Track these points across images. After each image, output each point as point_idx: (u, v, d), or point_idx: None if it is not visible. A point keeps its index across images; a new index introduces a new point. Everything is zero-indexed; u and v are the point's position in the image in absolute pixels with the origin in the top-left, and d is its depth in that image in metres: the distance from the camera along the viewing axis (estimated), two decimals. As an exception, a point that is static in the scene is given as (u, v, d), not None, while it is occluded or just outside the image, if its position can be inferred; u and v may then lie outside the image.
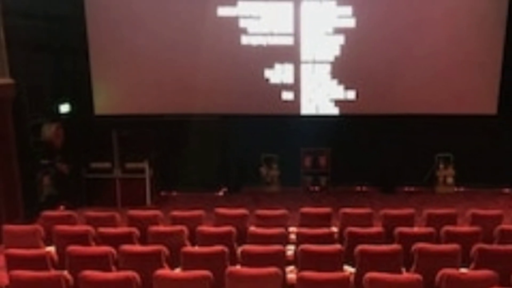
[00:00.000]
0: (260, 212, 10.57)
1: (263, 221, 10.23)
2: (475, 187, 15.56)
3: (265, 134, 15.35)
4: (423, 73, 14.84)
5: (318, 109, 15.24)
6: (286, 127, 15.39)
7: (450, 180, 15.66)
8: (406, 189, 15.94)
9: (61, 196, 14.38)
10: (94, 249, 8.79)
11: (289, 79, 15.09)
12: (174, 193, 15.84)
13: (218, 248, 8.28)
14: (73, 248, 8.36)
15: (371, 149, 15.33)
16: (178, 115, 15.18)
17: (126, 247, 8.41)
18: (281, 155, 15.79)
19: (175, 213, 10.60)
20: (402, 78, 14.88)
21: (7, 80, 12.19)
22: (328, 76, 15.03)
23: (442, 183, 15.69)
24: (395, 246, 8.39)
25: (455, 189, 15.71)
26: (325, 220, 10.27)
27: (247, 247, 8.53)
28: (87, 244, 9.06)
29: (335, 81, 15.06)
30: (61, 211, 13.00)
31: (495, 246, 8.61)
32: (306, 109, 15.26)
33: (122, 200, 14.49)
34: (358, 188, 16.14)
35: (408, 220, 10.17)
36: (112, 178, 14.64)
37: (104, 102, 15.22)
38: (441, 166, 15.67)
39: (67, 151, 14.35)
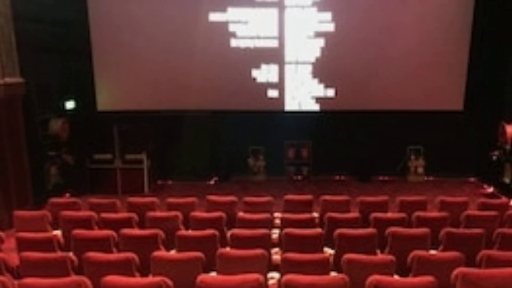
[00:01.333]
0: (248, 199, 10.57)
1: (251, 207, 10.23)
2: (443, 176, 15.62)
3: (252, 128, 15.35)
4: (396, 73, 14.88)
5: (300, 106, 15.24)
6: (271, 122, 15.35)
7: (420, 170, 15.71)
8: (381, 178, 15.95)
9: (67, 184, 14.36)
10: (97, 232, 8.78)
11: (274, 78, 15.09)
12: (170, 182, 15.81)
13: (209, 232, 8.28)
14: (77, 231, 8.36)
15: (349, 142, 15.34)
16: (173, 111, 15.16)
17: (126, 231, 8.41)
18: (267, 147, 15.79)
19: (171, 200, 10.60)
20: (377, 77, 14.91)
21: (18, 79, 12.11)
22: (310, 76, 15.04)
23: (413, 172, 15.74)
24: (370, 230, 8.40)
25: (425, 178, 15.75)
26: (307, 207, 10.28)
27: (236, 231, 8.55)
28: (90, 228, 9.05)
29: (316, 80, 15.07)
30: (67, 198, 12.95)
31: (461, 230, 8.63)
32: (290, 105, 15.26)
33: (122, 188, 14.46)
34: (337, 177, 16.11)
35: (383, 206, 10.18)
36: (113, 168, 14.60)
37: (106, 99, 15.19)
38: (413, 157, 15.72)
39: (72, 143, 14.32)
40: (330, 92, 15.13)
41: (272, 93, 15.21)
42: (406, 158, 15.78)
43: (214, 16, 14.70)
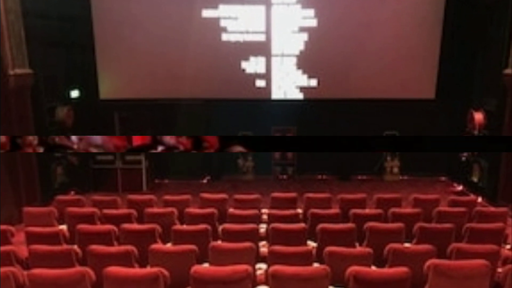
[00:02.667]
0: (238, 196, 10.54)
1: (240, 204, 10.22)
2: (417, 175, 15.73)
3: (242, 115, 15.18)
4: (374, 64, 14.87)
5: (286, 94, 15.22)
6: (259, 109, 15.29)
7: (396, 170, 15.82)
8: (359, 177, 16.00)
9: (72, 183, 14.33)
10: (99, 227, 8.75)
11: (261, 69, 15.05)
12: (166, 181, 15.79)
13: (202, 226, 8.27)
14: (81, 226, 8.33)
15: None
16: (169, 99, 15.12)
17: (126, 226, 8.40)
18: (255, 132, 15.43)
19: (167, 197, 10.59)
20: (356, 68, 14.89)
21: (27, 70, 12.16)
22: (294, 67, 15.01)
23: (389, 172, 15.85)
24: (350, 225, 8.40)
25: (400, 177, 15.85)
26: (291, 203, 10.30)
27: (227, 225, 8.53)
28: (93, 223, 9.04)
29: (300, 71, 15.05)
30: (71, 196, 12.87)
31: (433, 225, 8.66)
32: (276, 94, 15.23)
33: (123, 187, 14.42)
34: (319, 177, 16.15)
35: (361, 203, 10.17)
36: (114, 168, 14.55)
37: (108, 88, 15.17)
38: (389, 158, 15.80)
39: (77, 131, 14.20)
40: (313, 82, 15.10)
41: (260, 83, 15.16)
42: (383, 159, 15.84)
43: (207, 13, 14.63)
